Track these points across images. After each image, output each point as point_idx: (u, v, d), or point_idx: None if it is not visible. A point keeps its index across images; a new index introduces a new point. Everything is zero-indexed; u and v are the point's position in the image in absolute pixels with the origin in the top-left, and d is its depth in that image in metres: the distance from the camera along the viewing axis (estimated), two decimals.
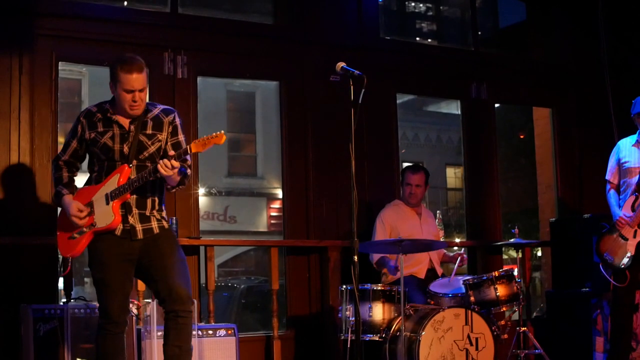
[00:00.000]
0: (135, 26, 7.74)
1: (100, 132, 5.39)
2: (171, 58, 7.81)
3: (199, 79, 8.10)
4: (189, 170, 5.40)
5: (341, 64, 5.62)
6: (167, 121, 5.51)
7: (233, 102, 22.01)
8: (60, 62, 7.49)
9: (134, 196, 5.39)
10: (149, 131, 5.44)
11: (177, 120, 5.57)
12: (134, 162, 5.38)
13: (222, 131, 5.22)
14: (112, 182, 5.33)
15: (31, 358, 6.26)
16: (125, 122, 5.40)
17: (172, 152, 5.20)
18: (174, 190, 5.53)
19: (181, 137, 5.57)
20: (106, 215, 5.32)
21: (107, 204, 5.32)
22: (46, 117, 7.24)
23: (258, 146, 22.12)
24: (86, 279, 18.67)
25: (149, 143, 5.42)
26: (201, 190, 12.24)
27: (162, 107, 5.60)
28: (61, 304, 6.63)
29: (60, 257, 6.90)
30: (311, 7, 8.64)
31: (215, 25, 8.25)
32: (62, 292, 7.03)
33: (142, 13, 7.98)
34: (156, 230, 5.44)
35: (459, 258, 7.51)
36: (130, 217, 5.37)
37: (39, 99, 7.22)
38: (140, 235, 5.38)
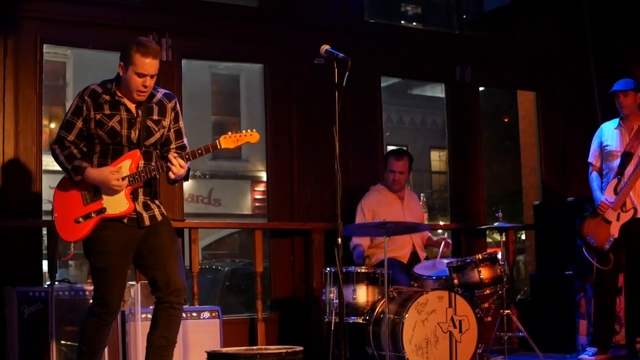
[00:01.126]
0: (120, 9, 7.68)
1: (107, 114, 5.24)
2: (156, 41, 7.71)
3: (183, 61, 8.07)
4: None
5: (325, 47, 5.59)
6: (170, 107, 5.47)
7: (217, 85, 22.00)
8: (44, 45, 7.44)
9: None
10: (155, 117, 5.38)
11: (178, 107, 5.55)
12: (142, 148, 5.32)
13: (255, 130, 5.33)
14: (123, 168, 5.22)
15: (15, 340, 6.24)
16: (131, 105, 5.30)
17: (180, 149, 5.35)
18: (175, 184, 5.56)
19: (181, 124, 5.56)
20: (118, 202, 5.22)
21: None
22: (30, 100, 7.20)
23: (242, 129, 22.06)
24: (70, 262, 18.64)
25: (156, 129, 5.36)
26: None
27: (162, 91, 5.53)
28: (45, 286, 6.62)
29: (45, 239, 6.88)
30: None
31: (199, 8, 8.20)
32: (47, 274, 7.01)
33: None
34: (159, 217, 5.38)
35: (443, 242, 7.50)
36: (137, 204, 5.29)
37: (23, 82, 7.18)
38: (147, 223, 5.30)
